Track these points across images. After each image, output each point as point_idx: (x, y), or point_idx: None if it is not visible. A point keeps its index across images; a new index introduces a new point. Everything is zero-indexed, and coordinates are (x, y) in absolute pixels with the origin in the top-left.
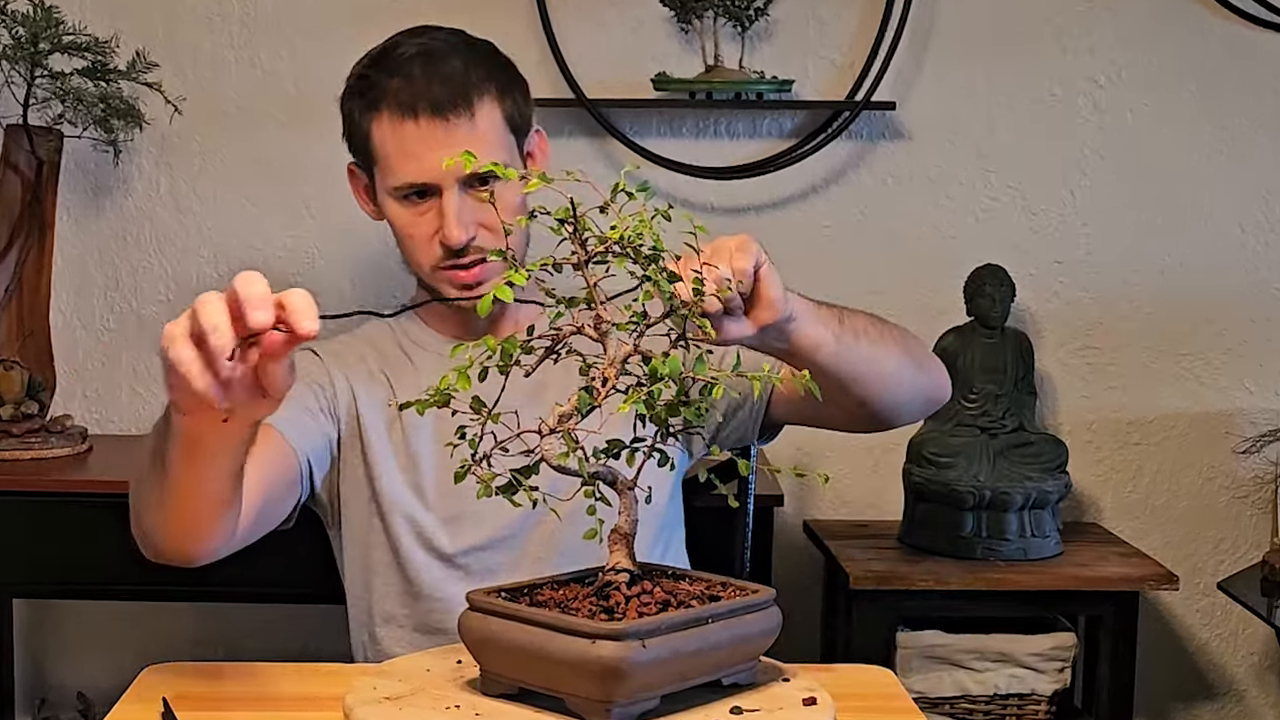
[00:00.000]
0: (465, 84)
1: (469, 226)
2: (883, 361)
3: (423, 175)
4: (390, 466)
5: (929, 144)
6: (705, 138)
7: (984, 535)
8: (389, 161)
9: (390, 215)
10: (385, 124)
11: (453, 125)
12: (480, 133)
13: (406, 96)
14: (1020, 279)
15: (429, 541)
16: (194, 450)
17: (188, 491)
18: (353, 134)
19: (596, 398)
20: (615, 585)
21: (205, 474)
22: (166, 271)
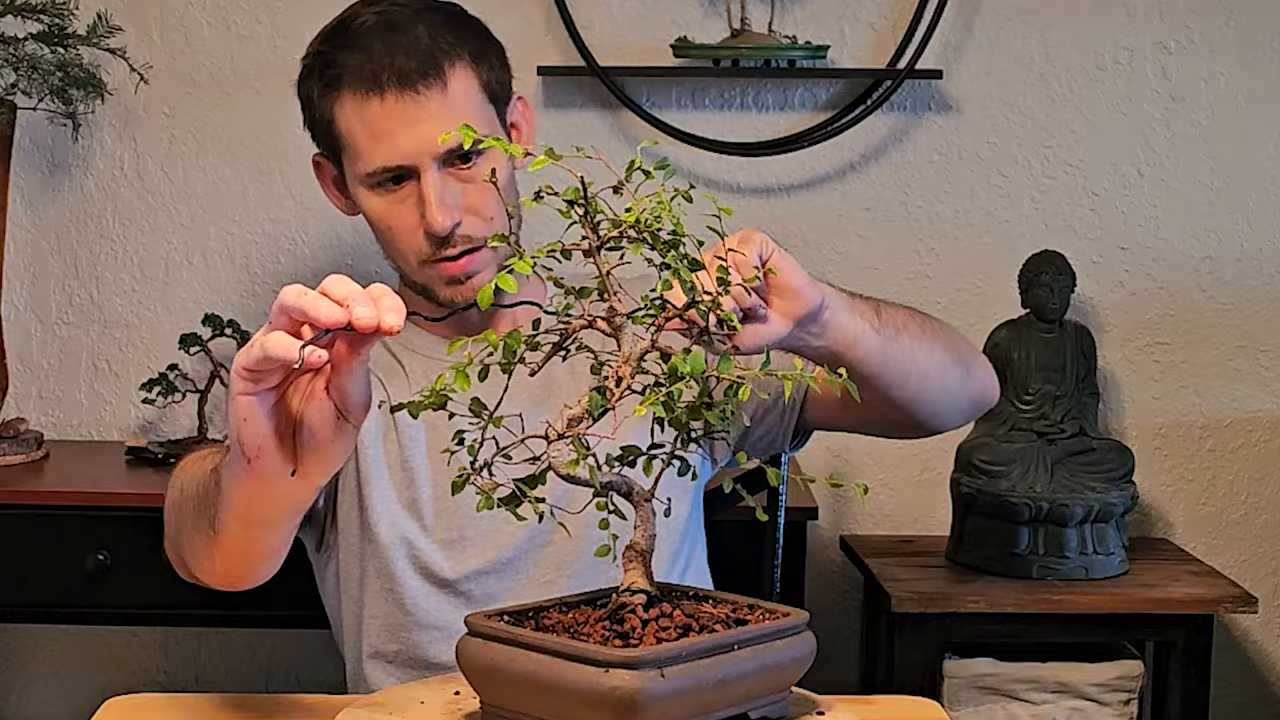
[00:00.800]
0: (433, 51)
1: (453, 211)
2: (925, 360)
3: (395, 157)
4: (383, 482)
5: (979, 117)
6: (730, 110)
7: (1041, 552)
8: (356, 146)
9: (365, 207)
10: (348, 105)
11: (423, 98)
12: (455, 104)
13: (369, 71)
14: (1081, 267)
15: (426, 566)
16: (252, 516)
17: (242, 552)
18: (314, 121)
19: (610, 399)
20: (631, 608)
21: (262, 535)
22: (132, 259)
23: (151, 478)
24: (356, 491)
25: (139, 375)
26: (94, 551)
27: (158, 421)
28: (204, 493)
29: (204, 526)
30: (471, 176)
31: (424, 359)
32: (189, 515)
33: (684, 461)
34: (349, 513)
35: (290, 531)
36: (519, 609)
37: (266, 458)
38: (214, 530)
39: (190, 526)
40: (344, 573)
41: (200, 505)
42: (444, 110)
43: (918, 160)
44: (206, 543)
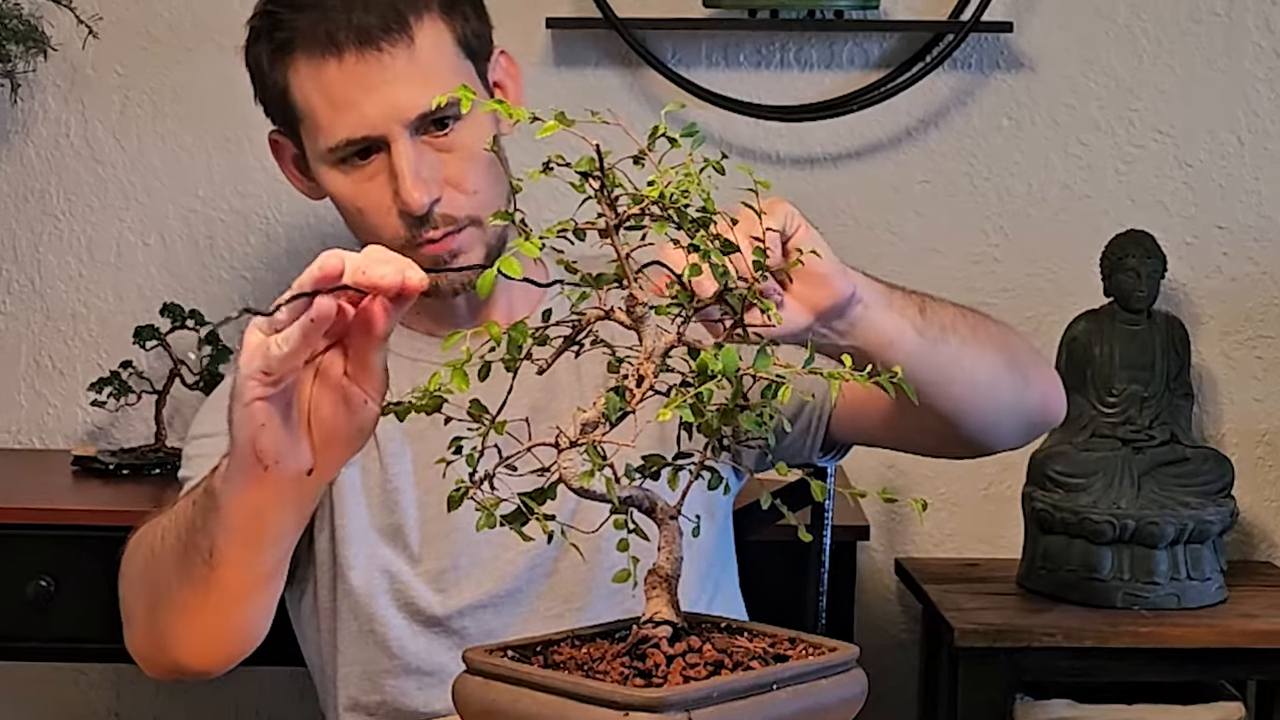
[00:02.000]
0: (395, 3)
1: (430, 185)
2: (975, 367)
3: (360, 128)
4: (359, 508)
5: (1055, 76)
6: (769, 68)
7: (1126, 577)
8: (315, 118)
9: (329, 188)
10: (302, 70)
11: (387, 57)
12: (424, 63)
13: (323, 31)
14: (1173, 249)
15: (412, 602)
16: (257, 532)
17: (240, 585)
18: (266, 92)
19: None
20: (654, 642)
21: (265, 557)
22: (79, 239)
23: (102, 492)
24: (329, 519)
25: (87, 374)
26: (36, 577)
27: (109, 427)
28: (187, 531)
29: (194, 568)
30: (450, 145)
31: (407, 361)
32: (169, 567)
33: (714, 473)
34: (322, 544)
35: (287, 556)
36: (525, 643)
37: (285, 461)
38: (210, 564)
39: (174, 580)
40: (314, 609)
41: (185, 548)
42: (412, 69)
43: (984, 126)
44: (197, 592)
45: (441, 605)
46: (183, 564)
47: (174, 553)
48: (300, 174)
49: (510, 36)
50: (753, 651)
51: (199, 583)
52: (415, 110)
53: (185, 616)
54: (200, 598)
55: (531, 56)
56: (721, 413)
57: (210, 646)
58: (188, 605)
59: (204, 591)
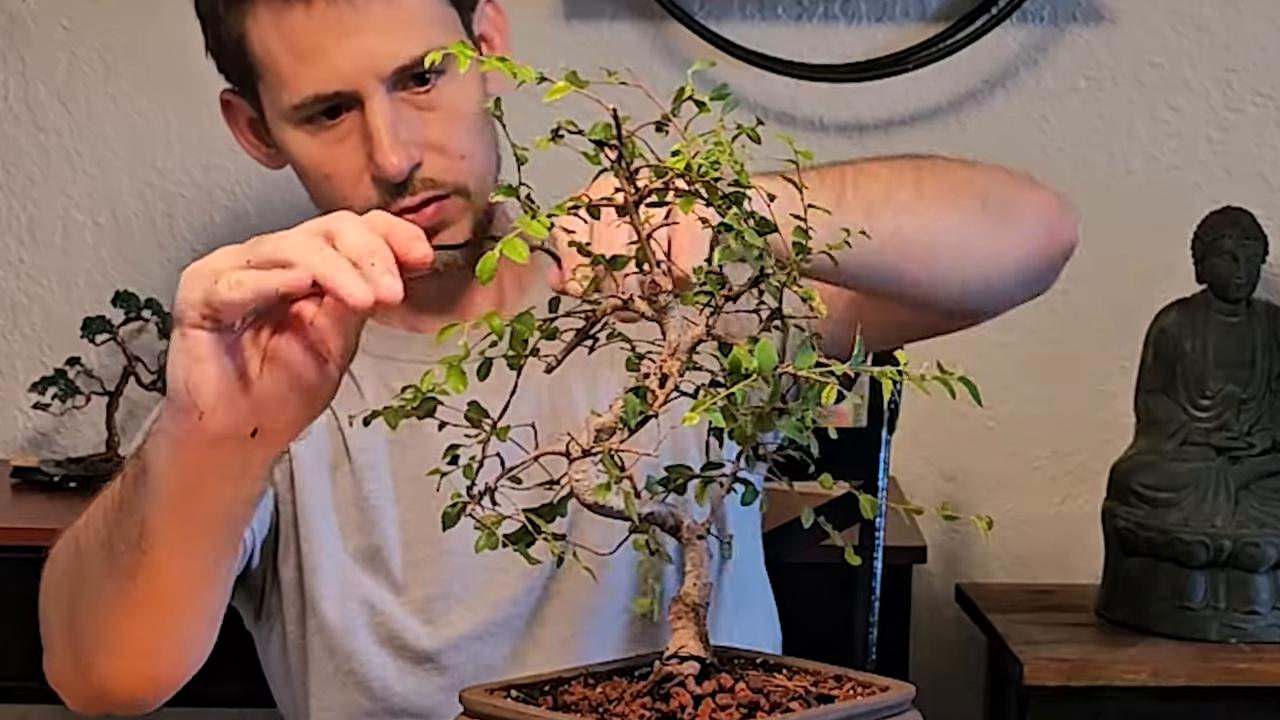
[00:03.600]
0: None
1: (410, 148)
2: (931, 233)
3: (330, 82)
4: (330, 531)
5: (1140, 30)
6: (811, 21)
7: (1222, 606)
8: (278, 70)
9: (292, 151)
10: (263, 17)
11: (361, 2)
12: (404, 8)
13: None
14: (1275, 229)
15: (397, 636)
16: (192, 505)
17: (173, 575)
18: (220, 43)
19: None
20: (679, 680)
21: (203, 545)
22: (18, 218)
23: (44, 507)
24: (294, 544)
25: (29, 372)
26: None
27: (53, 433)
28: (115, 512)
29: (121, 556)
30: (432, 103)
31: (379, 360)
32: (95, 561)
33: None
34: (288, 574)
35: (230, 553)
36: (531, 681)
37: (224, 409)
38: (140, 548)
39: (99, 576)
40: (290, 650)
41: (111, 535)
42: (390, 16)
43: (1058, 87)
44: (125, 586)
45: (430, 638)
46: (109, 553)
47: (99, 541)
48: (257, 139)
49: None
50: (793, 692)
51: (128, 574)
52: (393, 62)
53: (112, 621)
54: (129, 593)
55: (540, 9)
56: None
57: (139, 662)
58: (115, 606)
59: (133, 584)
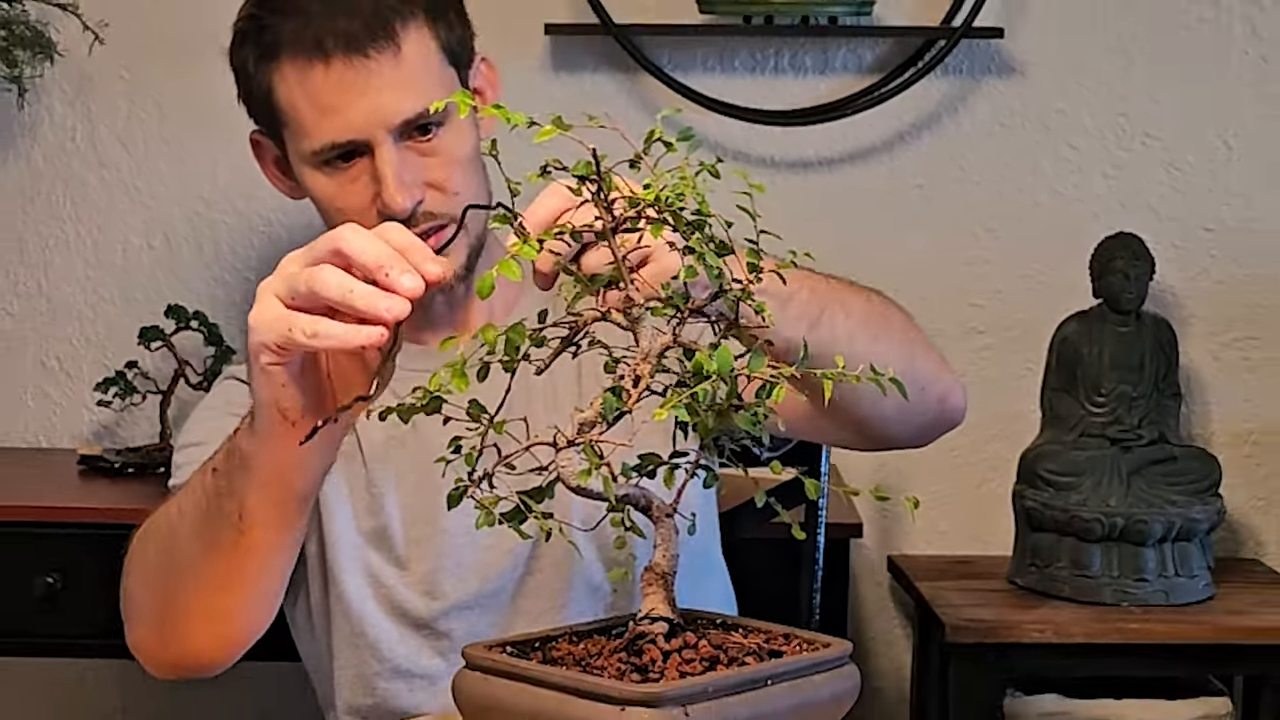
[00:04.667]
0: (380, 10)
1: (413, 189)
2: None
3: (345, 132)
4: (344, 512)
5: (1046, 81)
6: (763, 74)
7: (1115, 574)
8: (300, 121)
9: (311, 189)
10: (288, 75)
11: (374, 63)
12: (409, 69)
13: (310, 36)
14: (1161, 251)
15: (399, 605)
16: (288, 487)
17: (270, 547)
18: (251, 94)
19: (626, 401)
20: (650, 637)
21: (296, 514)
22: (85, 242)
23: (108, 490)
24: (317, 527)
25: (93, 374)
26: (43, 574)
27: (114, 426)
28: (211, 500)
29: (222, 534)
30: (433, 149)
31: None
32: (192, 544)
33: (710, 471)
34: (312, 550)
35: (309, 511)
36: (523, 639)
37: (309, 414)
38: (240, 528)
39: (198, 555)
40: (314, 616)
41: (210, 518)
42: (398, 76)
43: (975, 130)
44: (226, 560)
45: (428, 608)
46: (209, 534)
47: (196, 527)
48: (281, 174)
49: (509, 42)
50: (747, 647)
51: (228, 549)
52: (399, 116)
53: (204, 593)
54: (230, 566)
55: (530, 61)
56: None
57: (226, 626)
58: (214, 579)
59: (233, 558)
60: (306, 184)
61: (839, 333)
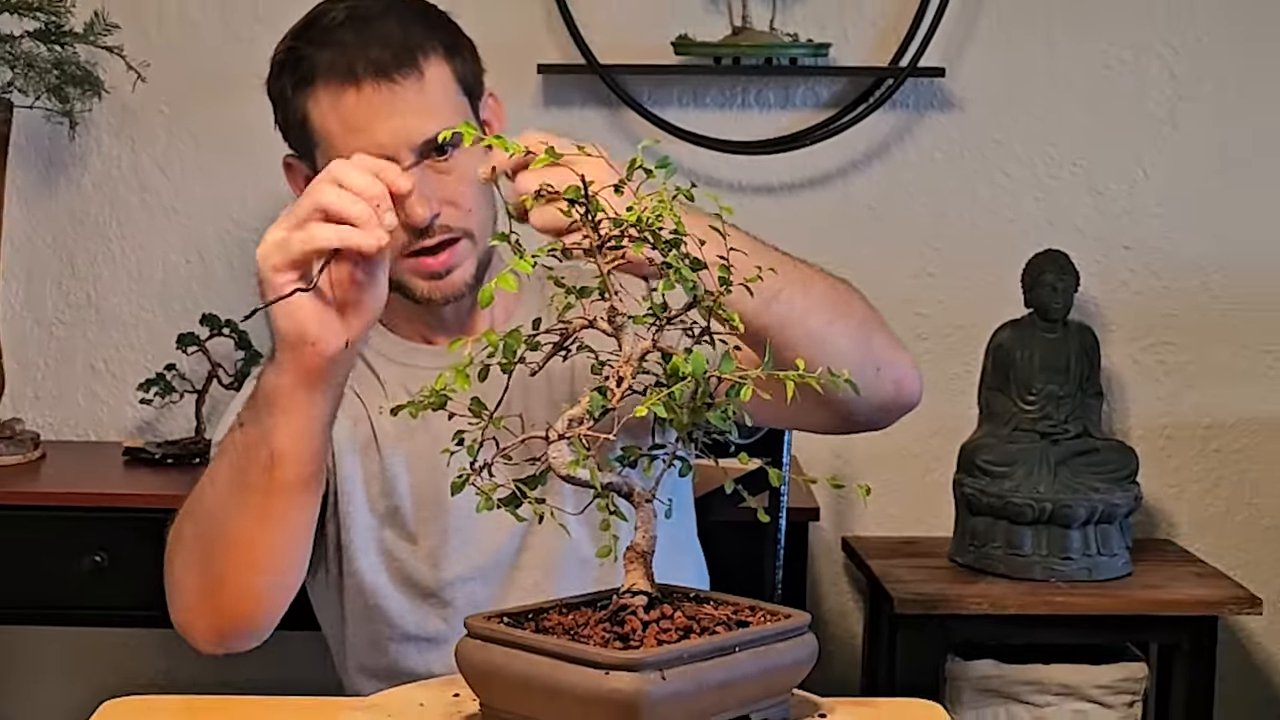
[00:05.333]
0: (407, 42)
1: (431, 202)
2: (824, 339)
3: (372, 149)
4: (359, 497)
5: (982, 115)
6: (732, 108)
7: (1044, 553)
8: (331, 140)
9: None
10: (322, 99)
11: (400, 88)
12: (431, 96)
13: (343, 65)
14: (1085, 267)
15: (409, 577)
16: (308, 417)
17: (297, 482)
18: (286, 120)
19: (611, 399)
20: (631, 609)
21: (316, 447)
22: (129, 259)
23: (149, 478)
24: (335, 509)
25: (136, 375)
26: (91, 553)
27: (155, 422)
28: (242, 451)
29: (254, 479)
30: (449, 169)
31: (400, 366)
32: (228, 499)
33: (685, 461)
34: (330, 531)
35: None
36: (518, 611)
37: (328, 337)
38: (269, 469)
39: (232, 506)
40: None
41: (243, 469)
42: (421, 101)
43: (920, 159)
44: (259, 503)
45: (435, 578)
46: (242, 483)
47: (230, 481)
48: None
49: (506, 80)
50: (718, 618)
51: (261, 494)
52: (422, 137)
53: (247, 546)
54: (264, 510)
55: (525, 98)
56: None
57: (266, 579)
58: (251, 527)
59: (266, 502)
60: None
61: (795, 310)
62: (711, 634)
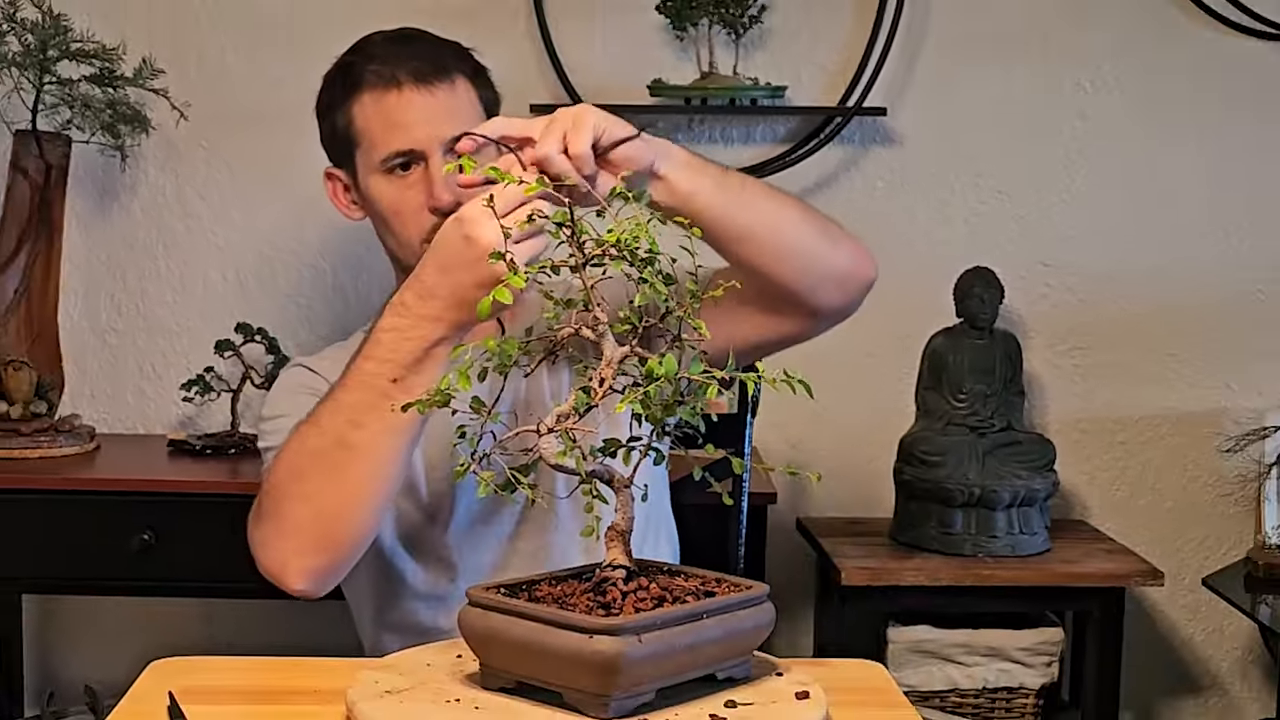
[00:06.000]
0: (441, 58)
1: (453, 190)
2: (777, 219)
3: (408, 142)
4: None
5: (919, 149)
6: (700, 143)
7: (973, 532)
8: (373, 135)
9: (376, 194)
10: (368, 101)
11: (435, 91)
12: (460, 101)
13: (387, 72)
14: (1009, 281)
15: (421, 542)
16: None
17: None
18: (333, 129)
19: (594, 397)
20: (612, 581)
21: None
22: (173, 274)
23: (190, 466)
24: None
25: (179, 376)
26: (140, 531)
27: (195, 417)
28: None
29: (378, 387)
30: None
31: None
32: (350, 418)
33: (659, 452)
34: None
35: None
36: (514, 582)
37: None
38: (394, 385)
39: (330, 452)
40: None
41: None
42: (452, 105)
43: (865, 187)
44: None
45: (443, 545)
46: (369, 404)
47: (355, 405)
48: (347, 199)
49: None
50: (687, 589)
51: (385, 395)
52: (450, 134)
53: (365, 474)
54: (385, 427)
55: None
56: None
57: (365, 506)
58: (371, 448)
59: (388, 419)
60: (372, 193)
61: (746, 194)
62: (682, 603)
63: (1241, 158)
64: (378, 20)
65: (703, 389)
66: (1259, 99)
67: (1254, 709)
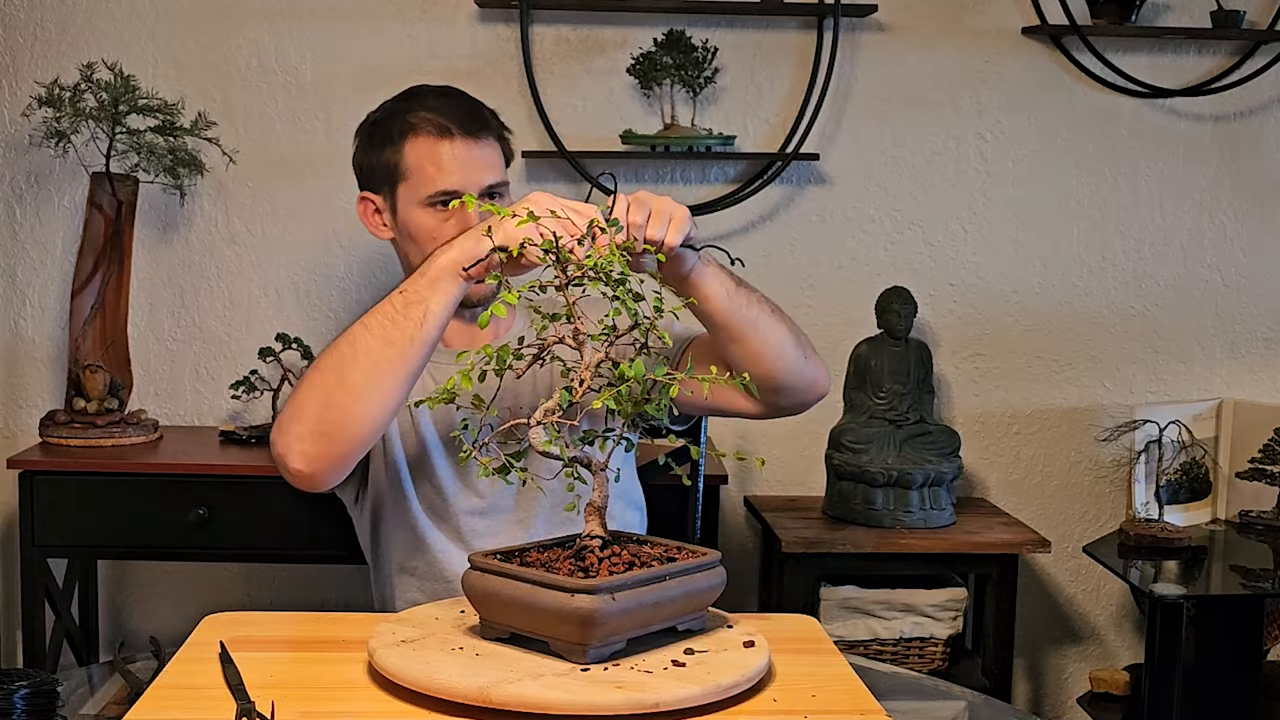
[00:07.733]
0: (482, 115)
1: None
2: (771, 330)
3: (453, 184)
4: (402, 452)
5: (847, 188)
6: (664, 183)
7: (892, 508)
8: (424, 174)
9: (416, 223)
10: (422, 144)
11: (479, 144)
12: (494, 155)
13: (441, 120)
14: (921, 298)
15: (436, 508)
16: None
17: (425, 345)
18: (381, 160)
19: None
20: (590, 549)
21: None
22: (223, 292)
23: (238, 453)
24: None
25: (229, 378)
26: (196, 507)
27: (242, 412)
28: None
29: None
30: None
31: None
32: (377, 336)
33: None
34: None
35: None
36: (507, 550)
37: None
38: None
39: (378, 345)
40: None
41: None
42: (489, 157)
43: (801, 220)
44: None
45: (452, 513)
46: (393, 331)
47: (383, 326)
48: (377, 219)
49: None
50: (653, 555)
51: (404, 341)
52: (486, 182)
53: (374, 384)
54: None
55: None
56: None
57: (378, 417)
58: (385, 364)
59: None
60: (414, 222)
61: (753, 302)
62: (649, 567)
63: (1115, 196)
64: (395, 84)
65: (666, 389)
66: (1130, 146)
67: (1126, 655)
